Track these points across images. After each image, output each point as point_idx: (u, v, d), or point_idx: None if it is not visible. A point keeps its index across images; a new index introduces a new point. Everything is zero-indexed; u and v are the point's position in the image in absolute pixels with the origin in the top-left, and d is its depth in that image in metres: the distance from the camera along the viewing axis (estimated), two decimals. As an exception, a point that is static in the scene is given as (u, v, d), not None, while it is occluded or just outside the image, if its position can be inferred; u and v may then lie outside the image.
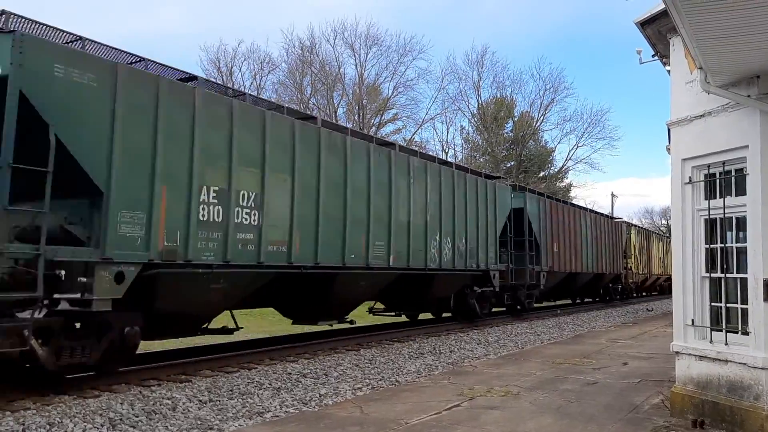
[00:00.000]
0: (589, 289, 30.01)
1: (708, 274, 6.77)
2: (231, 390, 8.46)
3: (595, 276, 28.27)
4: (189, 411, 7.33)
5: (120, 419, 6.84)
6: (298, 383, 9.09)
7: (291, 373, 9.83)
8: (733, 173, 6.52)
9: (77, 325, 8.29)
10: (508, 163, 50.37)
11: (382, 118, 45.41)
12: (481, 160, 49.02)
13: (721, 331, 6.56)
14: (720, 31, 4.99)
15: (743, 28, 4.88)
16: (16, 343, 7.08)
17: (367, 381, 9.37)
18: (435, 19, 78.88)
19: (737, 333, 6.38)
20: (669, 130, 7.38)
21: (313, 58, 44.05)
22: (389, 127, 46.60)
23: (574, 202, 34.62)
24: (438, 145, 49.25)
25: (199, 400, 7.83)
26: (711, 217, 6.74)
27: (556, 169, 53.86)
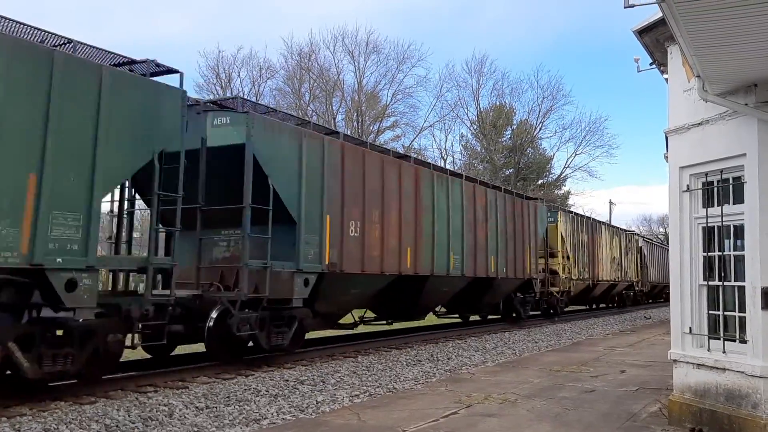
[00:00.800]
0: (461, 304, 19.27)
1: (706, 282, 6.77)
2: (228, 397, 8.43)
3: (470, 283, 17.73)
4: (186, 418, 7.30)
5: (116, 426, 6.81)
6: (296, 390, 9.06)
7: (288, 379, 9.79)
8: (730, 181, 6.52)
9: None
10: (507, 171, 50.46)
11: (380, 125, 45.52)
12: (480, 167, 49.11)
13: (718, 339, 6.55)
14: (717, 39, 5.01)
15: (740, 36, 4.89)
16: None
17: (364, 388, 9.35)
18: (438, 28, 79.37)
19: (735, 341, 6.37)
20: (667, 138, 7.40)
21: (312, 64, 44.20)
22: (388, 134, 46.75)
23: (573, 209, 34.70)
24: (437, 153, 49.37)
25: (196, 407, 7.80)
26: (709, 225, 6.74)
27: (555, 176, 53.99)
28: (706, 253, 6.80)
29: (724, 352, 6.41)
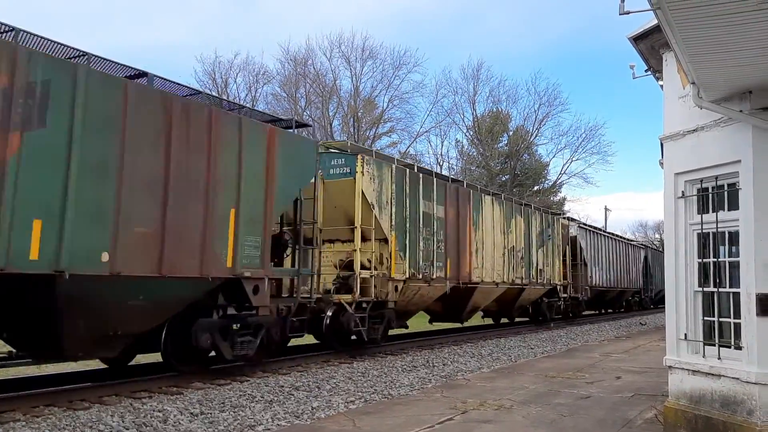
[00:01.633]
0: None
1: (701, 289, 6.77)
2: (222, 403, 8.40)
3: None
4: (180, 424, 7.27)
5: None
6: (291, 396, 9.04)
7: (283, 385, 9.76)
8: (725, 188, 6.54)
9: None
10: (503, 177, 50.49)
11: (377, 130, 45.55)
12: (476, 173, 49.13)
13: (714, 345, 6.55)
14: (712, 46, 5.02)
15: (736, 43, 4.91)
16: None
17: (359, 394, 9.32)
18: (438, 34, 79.55)
19: (730, 348, 6.37)
20: (662, 145, 7.42)
21: (308, 70, 44.22)
22: (384, 140, 46.75)
23: (570, 215, 34.71)
24: (432, 158, 49.36)
25: (191, 413, 7.77)
26: (704, 231, 6.76)
27: (551, 183, 54.00)
28: (701, 260, 6.80)
29: (720, 359, 6.41)
